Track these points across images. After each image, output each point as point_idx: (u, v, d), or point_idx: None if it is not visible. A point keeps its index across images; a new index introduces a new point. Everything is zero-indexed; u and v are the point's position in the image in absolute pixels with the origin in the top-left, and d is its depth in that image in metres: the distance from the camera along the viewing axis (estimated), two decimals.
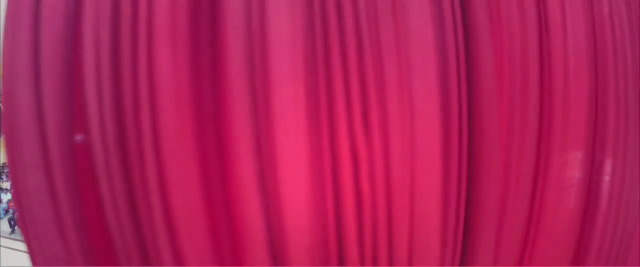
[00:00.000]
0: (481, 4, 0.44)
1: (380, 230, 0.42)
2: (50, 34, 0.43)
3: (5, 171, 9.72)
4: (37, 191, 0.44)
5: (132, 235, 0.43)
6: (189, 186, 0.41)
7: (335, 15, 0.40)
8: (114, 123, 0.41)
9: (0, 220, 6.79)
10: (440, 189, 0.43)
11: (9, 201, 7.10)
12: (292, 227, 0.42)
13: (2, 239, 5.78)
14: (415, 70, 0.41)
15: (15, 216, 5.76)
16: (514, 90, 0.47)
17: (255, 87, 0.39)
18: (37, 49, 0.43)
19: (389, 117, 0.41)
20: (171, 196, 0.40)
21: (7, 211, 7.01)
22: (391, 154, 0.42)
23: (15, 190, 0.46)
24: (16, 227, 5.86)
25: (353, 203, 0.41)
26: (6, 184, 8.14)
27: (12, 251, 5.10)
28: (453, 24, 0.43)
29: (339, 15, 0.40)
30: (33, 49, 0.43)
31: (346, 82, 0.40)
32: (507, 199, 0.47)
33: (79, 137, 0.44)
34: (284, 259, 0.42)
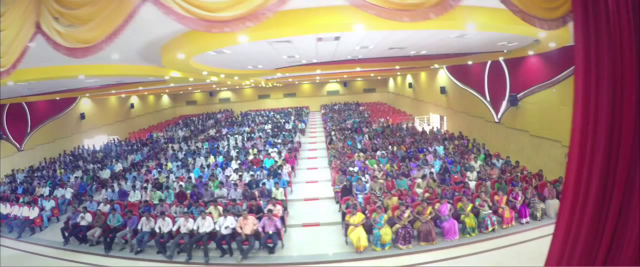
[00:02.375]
0: None
1: None
2: None
3: (37, 174, 10.17)
4: None
5: None
6: None
7: None
8: None
9: (45, 228, 6.41)
10: None
11: (53, 208, 6.81)
12: None
13: (51, 249, 5.30)
14: None
15: (71, 226, 5.40)
16: None
17: None
18: None
19: None
20: None
21: (49, 219, 6.61)
22: None
23: None
24: (71, 238, 5.46)
25: None
26: (44, 190, 8.48)
27: (65, 261, 4.91)
28: None
29: None
30: None
31: None
32: None
33: None
34: None
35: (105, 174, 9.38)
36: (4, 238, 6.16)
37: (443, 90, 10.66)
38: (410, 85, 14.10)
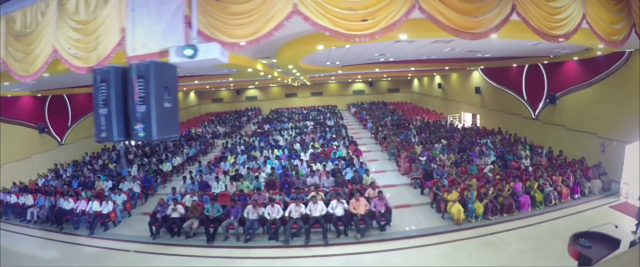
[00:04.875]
0: None
1: None
2: None
3: (88, 168, 9.87)
4: None
5: None
6: None
7: None
8: None
9: (118, 223, 6.33)
10: None
11: (124, 202, 6.87)
12: None
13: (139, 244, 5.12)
14: None
15: (160, 219, 5.29)
16: None
17: None
18: None
19: None
20: None
21: (121, 213, 6.58)
22: None
23: None
24: (160, 231, 5.41)
25: None
26: (106, 184, 8.31)
27: (164, 256, 4.77)
28: None
29: None
30: None
31: None
32: None
33: None
34: None
35: (167, 167, 9.73)
36: (70, 235, 5.83)
37: (478, 90, 11.86)
38: (439, 85, 15.29)
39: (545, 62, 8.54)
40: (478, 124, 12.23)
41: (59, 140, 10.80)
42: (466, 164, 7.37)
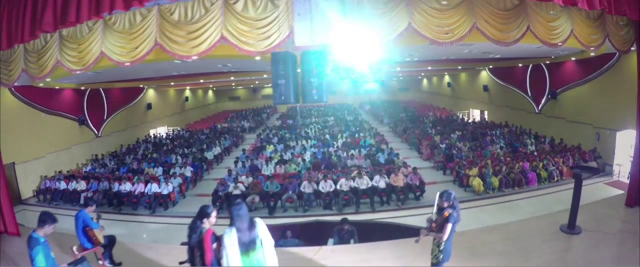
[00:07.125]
0: None
1: None
2: None
3: (134, 157, 10.47)
4: None
5: None
6: None
7: None
8: None
9: (177, 203, 6.95)
10: None
11: (180, 184, 7.66)
12: None
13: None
14: None
15: (223, 196, 5.95)
16: None
17: None
18: None
19: None
20: None
21: (177, 194, 7.18)
22: None
23: None
24: (223, 207, 5.87)
25: None
26: (157, 170, 9.25)
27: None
28: None
29: None
30: None
31: None
32: None
33: None
34: None
35: (210, 155, 10.80)
36: (130, 215, 6.28)
37: (485, 88, 13.13)
38: (449, 84, 16.57)
39: (547, 62, 9.80)
40: (486, 119, 13.49)
41: (96, 132, 11.27)
42: (480, 149, 8.59)
